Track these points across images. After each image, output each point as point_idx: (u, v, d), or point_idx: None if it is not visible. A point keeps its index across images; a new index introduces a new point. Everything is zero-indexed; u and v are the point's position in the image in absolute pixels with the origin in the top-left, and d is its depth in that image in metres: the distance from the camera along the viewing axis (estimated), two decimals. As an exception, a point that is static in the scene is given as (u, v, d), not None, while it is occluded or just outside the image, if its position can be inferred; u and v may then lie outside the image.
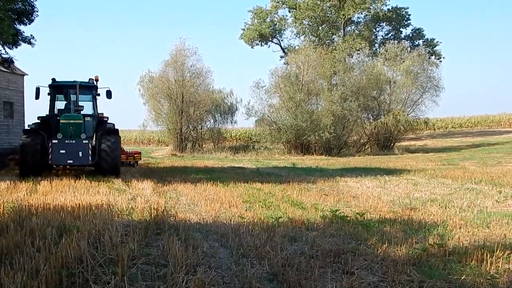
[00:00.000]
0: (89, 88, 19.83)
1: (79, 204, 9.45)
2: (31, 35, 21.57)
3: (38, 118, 19.40)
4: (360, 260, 6.24)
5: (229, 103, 53.63)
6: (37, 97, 19.09)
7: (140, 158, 26.94)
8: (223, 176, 19.70)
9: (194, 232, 8.00)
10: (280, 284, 5.37)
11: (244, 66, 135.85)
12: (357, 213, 9.25)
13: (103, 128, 18.95)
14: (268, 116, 45.40)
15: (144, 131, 60.03)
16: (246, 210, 10.45)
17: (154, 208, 9.37)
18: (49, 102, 19.76)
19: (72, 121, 17.97)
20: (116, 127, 19.69)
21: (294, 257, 6.31)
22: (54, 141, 16.96)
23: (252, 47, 65.28)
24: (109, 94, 19.78)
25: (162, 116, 49.34)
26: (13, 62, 23.04)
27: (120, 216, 9.12)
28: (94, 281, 4.95)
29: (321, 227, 8.47)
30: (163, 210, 9.63)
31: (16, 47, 21.15)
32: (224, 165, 28.47)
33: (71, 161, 17.30)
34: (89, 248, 6.08)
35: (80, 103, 19.45)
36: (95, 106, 20.20)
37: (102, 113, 20.63)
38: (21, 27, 21.13)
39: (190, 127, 49.32)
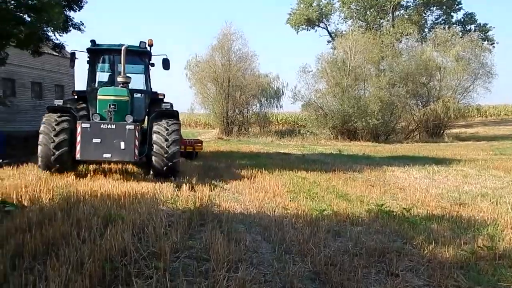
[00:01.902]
0: (140, 55, 14.66)
1: (126, 192, 9.58)
2: (80, 21, 21.95)
3: (73, 92, 15.26)
4: (405, 261, 6.10)
5: (275, 88, 53.44)
6: (72, 64, 14.85)
7: (201, 149, 21.99)
8: (269, 162, 19.67)
9: (238, 223, 8.00)
10: (322, 285, 5.29)
11: (290, 51, 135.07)
12: (404, 208, 9.05)
13: (157, 109, 13.89)
14: (314, 101, 45.08)
15: (192, 114, 60.54)
16: (290, 200, 10.38)
17: (198, 198, 9.43)
18: (87, 72, 14.77)
19: (113, 97, 12.87)
20: (175, 109, 14.39)
21: (338, 255, 6.21)
22: (84, 125, 11.71)
23: (297, 32, 64.53)
24: (166, 64, 14.74)
25: (208, 99, 49.68)
26: (64, 47, 23.51)
27: (165, 204, 9.21)
28: (136, 275, 5.00)
29: (366, 222, 8.33)
30: (208, 199, 9.68)
31: (67, 33, 21.56)
32: (270, 151, 28.46)
33: (108, 156, 11.76)
34: (133, 239, 6.16)
35: (128, 75, 14.24)
36: (147, 79, 14.95)
37: (156, 92, 15.42)
38: (71, 14, 21.49)
39: (236, 111, 49.47)
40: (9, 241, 5.42)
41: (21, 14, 16.62)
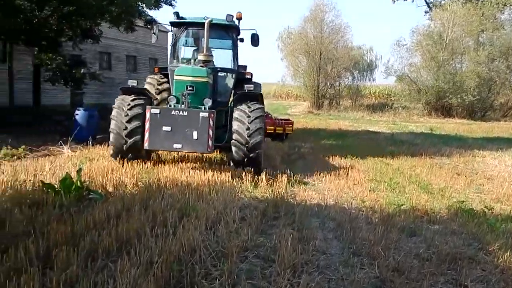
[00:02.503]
0: (227, 30, 13.15)
1: (206, 180, 9.83)
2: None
3: (155, 68, 14.51)
4: (477, 269, 5.89)
5: (368, 60, 52.32)
6: (154, 37, 13.53)
7: (292, 130, 20.00)
8: (355, 143, 19.44)
9: (312, 217, 8.04)
10: (385, 295, 5.25)
11: (385, 23, 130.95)
12: (485, 207, 8.70)
13: (239, 91, 12.39)
14: (408, 75, 43.68)
15: (283, 85, 60.67)
16: (370, 190, 10.27)
17: (276, 186, 9.54)
18: (169, 48, 13.70)
19: (191, 78, 11.42)
20: (259, 90, 13.04)
21: (407, 259, 6.10)
22: (153, 111, 10.52)
23: (394, 2, 62.20)
24: (255, 39, 13.29)
25: (299, 72, 49.50)
26: (156, 22, 24.25)
27: (243, 192, 9.38)
28: (203, 277, 5.18)
29: (444, 220, 8.10)
30: (285, 188, 9.74)
31: (158, 9, 22.21)
32: (358, 128, 28.05)
33: (179, 146, 10.54)
34: (205, 236, 6.35)
35: (215, 51, 13.22)
36: (235, 57, 13.45)
37: (246, 67, 14.51)
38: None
39: (328, 84, 48.92)
40: (85, 238, 5.76)
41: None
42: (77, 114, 16.28)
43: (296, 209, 8.14)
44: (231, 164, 11.47)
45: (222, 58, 13.39)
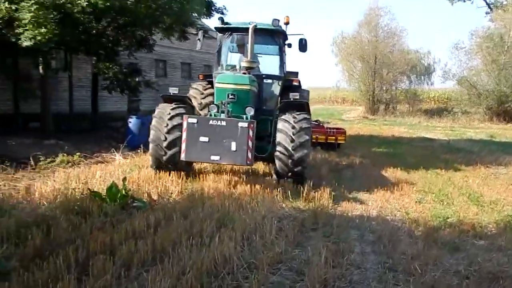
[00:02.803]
0: (274, 35, 12.63)
1: (248, 189, 9.84)
2: (223, 5, 22.77)
3: (200, 76, 14.11)
4: (518, 290, 5.70)
5: (426, 64, 51.10)
6: (199, 44, 13.33)
7: (345, 140, 18.94)
8: (407, 151, 19.12)
9: (352, 229, 7.97)
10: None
11: (443, 26, 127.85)
12: (536, 221, 8.39)
13: (283, 100, 11.87)
14: (467, 79, 42.44)
15: (338, 90, 60.26)
16: (416, 201, 10.07)
17: (318, 198, 9.49)
18: (216, 54, 13.13)
19: (232, 86, 10.96)
20: (306, 98, 12.70)
21: (446, 276, 5.96)
22: (190, 121, 10.02)
23: (452, 4, 60.58)
24: (303, 45, 12.71)
25: (354, 77, 49.10)
26: (201, 29, 24.65)
27: (283, 202, 9.37)
28: (234, 288, 5.25)
29: (491, 236, 7.85)
30: (328, 198, 9.65)
31: (210, 18, 22.55)
32: (413, 135, 27.52)
33: (217, 158, 9.95)
34: (239, 248, 6.40)
35: (261, 57, 13.07)
36: (282, 63, 12.85)
37: (297, 73, 13.67)
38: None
39: (383, 89, 48.23)
40: (123, 247, 5.92)
41: (166, 6, 17.56)
42: (129, 122, 16.75)
43: (334, 221, 8.09)
44: (274, 176, 11.06)
45: (269, 64, 12.99)
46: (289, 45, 13.16)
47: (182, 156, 10.08)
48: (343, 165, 14.80)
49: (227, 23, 12.58)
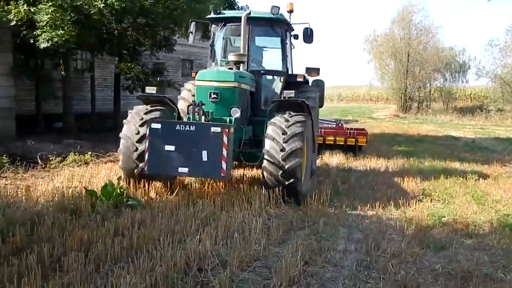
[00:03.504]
0: (273, 25, 11.15)
1: (242, 187, 9.74)
2: (246, 4, 22.96)
3: (192, 72, 11.37)
4: (488, 289, 5.62)
5: (460, 61, 50.23)
6: (191, 38, 11.99)
7: (366, 141, 17.21)
8: (428, 149, 18.93)
9: (342, 227, 7.97)
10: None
11: (478, 23, 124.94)
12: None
13: (275, 99, 10.30)
14: (501, 77, 41.52)
15: (371, 88, 59.89)
16: (418, 201, 9.96)
17: (316, 196, 9.47)
18: (209, 48, 11.77)
19: (214, 84, 9.55)
20: (313, 94, 11.47)
21: (421, 275, 5.94)
22: (154, 126, 8.49)
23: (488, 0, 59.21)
24: (308, 35, 11.41)
25: (387, 75, 48.63)
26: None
27: (276, 200, 9.28)
28: (202, 286, 5.32)
29: (481, 235, 7.74)
30: (328, 196, 9.62)
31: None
32: (440, 133, 27.13)
33: (185, 170, 8.40)
34: (218, 246, 6.48)
35: (265, 50, 11.99)
36: (284, 56, 11.42)
37: (318, 69, 12.19)
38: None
39: (416, 87, 47.58)
40: (99, 244, 6.03)
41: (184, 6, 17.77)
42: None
43: (324, 219, 8.11)
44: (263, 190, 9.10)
45: (276, 59, 11.63)
46: (296, 37, 11.96)
47: (145, 169, 8.61)
48: (358, 162, 14.71)
49: (220, 13, 11.31)
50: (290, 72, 11.75)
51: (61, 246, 5.99)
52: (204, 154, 8.26)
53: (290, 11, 11.54)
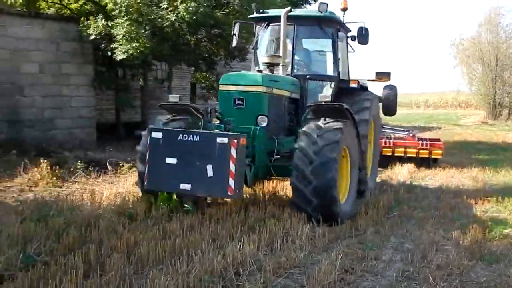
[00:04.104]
0: (322, 24, 10.16)
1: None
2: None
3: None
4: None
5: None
6: (234, 42, 11.18)
7: (441, 154, 15.39)
8: (509, 158, 18.00)
9: (393, 236, 7.81)
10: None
11: None
12: None
13: (310, 104, 9.28)
14: None
15: (459, 93, 57.87)
16: (483, 212, 9.58)
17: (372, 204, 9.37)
18: (253, 50, 10.98)
19: (239, 88, 8.63)
20: (373, 101, 10.63)
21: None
22: (154, 135, 7.61)
23: None
24: (362, 35, 10.34)
25: (474, 80, 46.76)
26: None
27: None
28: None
29: None
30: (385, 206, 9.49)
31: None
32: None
33: (187, 186, 7.38)
34: (260, 251, 6.61)
35: (318, 53, 11.09)
36: (337, 60, 10.34)
37: (389, 74, 11.79)
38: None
39: (505, 92, 45.31)
40: (143, 247, 6.30)
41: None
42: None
43: (369, 228, 8.03)
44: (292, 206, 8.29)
45: (327, 63, 10.79)
46: (353, 38, 10.76)
47: (145, 184, 7.84)
48: (424, 174, 14.24)
49: (263, 12, 10.45)
50: (346, 78, 10.80)
51: (108, 247, 6.32)
52: (209, 168, 7.13)
53: (344, 9, 10.50)
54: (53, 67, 16.67)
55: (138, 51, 15.36)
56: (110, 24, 15.63)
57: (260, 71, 9.01)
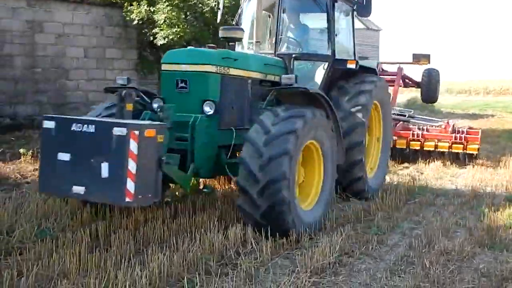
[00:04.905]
0: None
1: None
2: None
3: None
4: None
5: None
6: (219, 18, 9.97)
7: (478, 150, 12.87)
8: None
9: (405, 222, 7.81)
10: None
11: None
12: None
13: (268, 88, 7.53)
14: None
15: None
16: (507, 200, 9.37)
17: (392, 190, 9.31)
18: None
19: (183, 67, 6.92)
20: (360, 94, 8.47)
21: (458, 273, 5.69)
22: (46, 125, 5.76)
23: None
24: (364, 6, 8.81)
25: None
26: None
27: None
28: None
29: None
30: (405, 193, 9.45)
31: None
32: None
33: (81, 190, 5.47)
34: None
35: (304, 27, 9.25)
36: (331, 36, 8.52)
37: (429, 56, 11.00)
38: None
39: None
40: (148, 226, 6.62)
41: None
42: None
43: (379, 213, 8.07)
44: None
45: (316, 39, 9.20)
46: (356, 9, 9.17)
47: (38, 187, 6.30)
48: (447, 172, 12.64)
49: None
50: (350, 58, 9.03)
51: (117, 224, 6.69)
52: (104, 167, 5.41)
53: None
54: (98, 52, 17.34)
55: (178, 36, 15.80)
56: (152, 10, 16.17)
57: (213, 47, 7.28)
